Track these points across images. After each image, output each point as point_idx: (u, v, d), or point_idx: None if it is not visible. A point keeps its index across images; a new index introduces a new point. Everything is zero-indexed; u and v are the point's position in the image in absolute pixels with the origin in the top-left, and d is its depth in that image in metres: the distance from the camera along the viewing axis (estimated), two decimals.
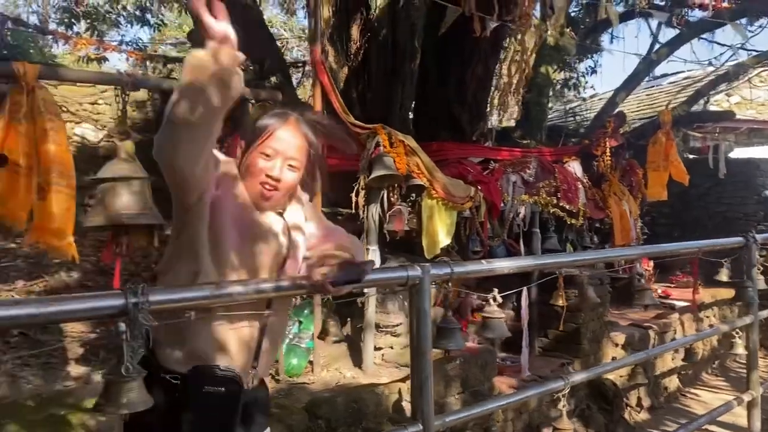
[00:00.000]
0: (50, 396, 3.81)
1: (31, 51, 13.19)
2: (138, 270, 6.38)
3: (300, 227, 1.89)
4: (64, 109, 6.53)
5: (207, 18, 1.37)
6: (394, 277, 2.35)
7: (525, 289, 3.91)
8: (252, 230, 1.76)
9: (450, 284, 2.66)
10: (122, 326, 1.62)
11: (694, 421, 4.71)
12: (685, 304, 6.54)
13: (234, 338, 1.77)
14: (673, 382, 6.10)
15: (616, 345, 5.47)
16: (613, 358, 5.35)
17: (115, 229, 3.34)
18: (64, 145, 3.13)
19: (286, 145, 1.73)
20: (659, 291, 7.29)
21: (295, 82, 9.94)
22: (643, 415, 5.46)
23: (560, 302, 3.92)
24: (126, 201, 3.22)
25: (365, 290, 4.13)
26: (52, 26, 12.16)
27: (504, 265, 2.83)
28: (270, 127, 1.74)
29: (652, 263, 7.55)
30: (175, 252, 1.79)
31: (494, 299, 2.72)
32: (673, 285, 7.80)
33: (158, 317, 1.62)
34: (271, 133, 1.73)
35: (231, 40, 1.41)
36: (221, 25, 1.39)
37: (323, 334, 2.89)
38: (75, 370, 4.39)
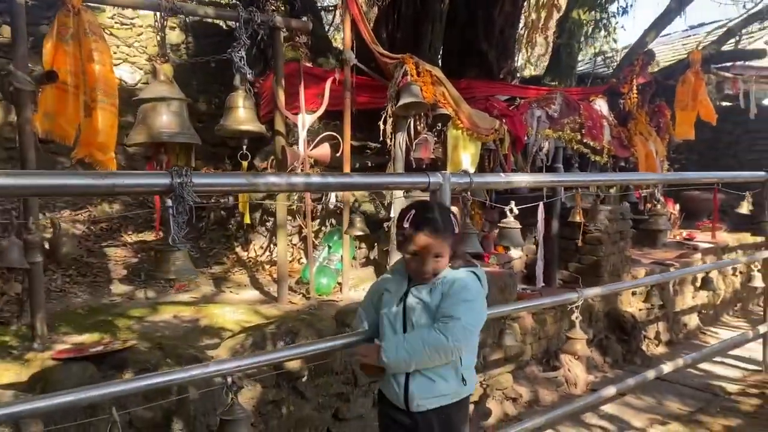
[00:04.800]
0: (98, 307, 4.11)
1: None
2: None
3: None
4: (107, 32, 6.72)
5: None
6: (417, 181, 2.52)
7: (541, 204, 4.02)
8: None
9: (469, 193, 2.82)
10: (169, 201, 1.82)
11: (708, 348, 4.86)
12: (709, 245, 6.60)
13: None
14: (693, 321, 6.21)
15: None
16: (633, 294, 5.48)
17: (155, 146, 3.56)
18: (109, 66, 3.31)
19: None
20: (684, 234, 7.34)
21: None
22: (661, 348, 5.60)
23: (578, 218, 4.00)
24: (166, 120, 3.42)
25: (391, 214, 4.33)
26: None
27: (522, 179, 2.97)
28: None
29: (678, 207, 7.58)
30: None
31: (511, 211, 2.86)
32: (699, 231, 7.82)
33: None
34: None
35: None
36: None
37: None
38: (119, 288, 4.69)
